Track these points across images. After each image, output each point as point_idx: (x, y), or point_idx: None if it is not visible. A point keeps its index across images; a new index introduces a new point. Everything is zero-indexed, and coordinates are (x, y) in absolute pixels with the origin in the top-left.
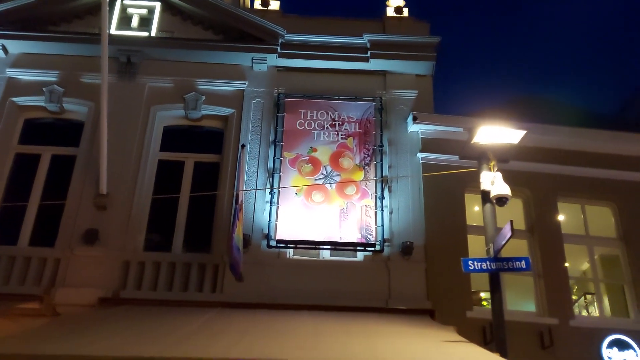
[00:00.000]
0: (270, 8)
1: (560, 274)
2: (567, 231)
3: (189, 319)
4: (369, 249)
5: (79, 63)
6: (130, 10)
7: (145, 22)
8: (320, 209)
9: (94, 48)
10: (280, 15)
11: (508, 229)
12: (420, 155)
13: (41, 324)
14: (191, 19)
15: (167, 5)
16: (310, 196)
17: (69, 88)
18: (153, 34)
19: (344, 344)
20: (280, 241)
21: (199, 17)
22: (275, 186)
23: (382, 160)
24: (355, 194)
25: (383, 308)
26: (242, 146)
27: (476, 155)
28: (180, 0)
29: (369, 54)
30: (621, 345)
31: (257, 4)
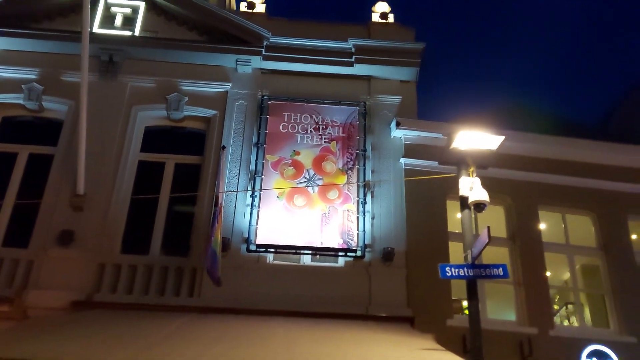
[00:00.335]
0: (255, 10)
1: (540, 283)
2: (548, 240)
3: (163, 324)
4: (350, 254)
5: (60, 61)
6: (114, 9)
7: (129, 22)
8: (302, 213)
9: (75, 46)
10: (265, 17)
11: (485, 236)
12: (403, 160)
13: (8, 327)
14: (176, 20)
15: (152, 5)
16: (292, 200)
17: (48, 86)
18: (136, 33)
19: (318, 353)
20: (260, 245)
21: (183, 18)
22: (257, 189)
23: (365, 165)
24: (337, 198)
25: (363, 315)
26: (223, 147)
27: (455, 161)
28: (165, 1)
29: (353, 59)
30: (600, 356)
31: (243, 6)
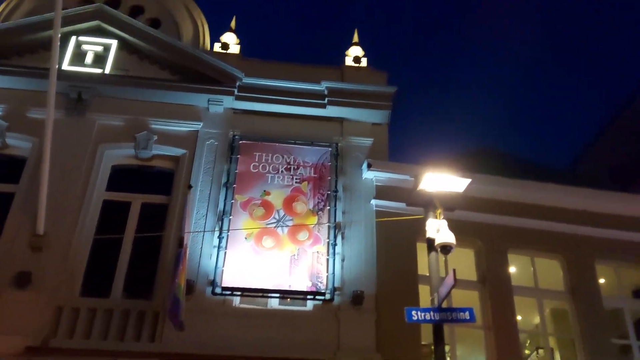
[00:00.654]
0: (229, 51)
1: (510, 327)
2: (518, 283)
3: None
4: (318, 297)
5: (27, 98)
6: (85, 47)
7: (100, 60)
8: (271, 255)
9: (43, 83)
10: (239, 58)
11: (451, 279)
12: (374, 202)
13: None
14: (148, 59)
15: (124, 44)
16: (261, 241)
17: (13, 122)
18: (107, 71)
19: None
20: (226, 288)
21: (156, 57)
22: (224, 229)
23: (336, 206)
24: (307, 239)
25: None
26: (189, 187)
27: (423, 203)
28: (138, 40)
29: (326, 101)
30: None
31: (217, 47)
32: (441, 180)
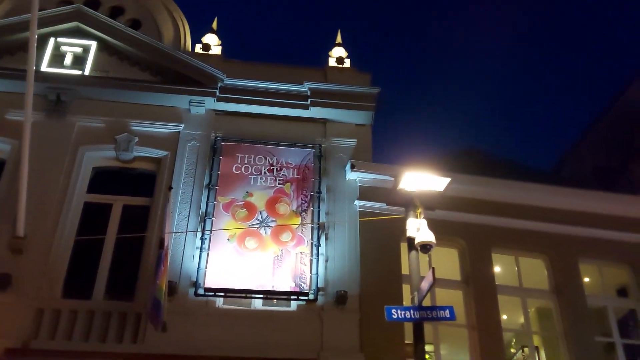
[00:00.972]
0: (211, 52)
1: (494, 326)
2: (502, 283)
3: None
4: (302, 298)
5: (5, 100)
6: (64, 48)
7: (79, 61)
8: (253, 255)
9: (22, 85)
10: (221, 59)
11: (430, 277)
12: (357, 203)
13: None
14: (128, 60)
15: (104, 45)
16: (244, 242)
17: None
18: (87, 72)
19: None
20: (208, 289)
21: (136, 58)
22: (207, 232)
23: (320, 207)
24: (290, 240)
25: None
26: (170, 188)
27: (403, 202)
28: (118, 41)
29: (309, 102)
30: None
31: (199, 48)
32: (421, 180)
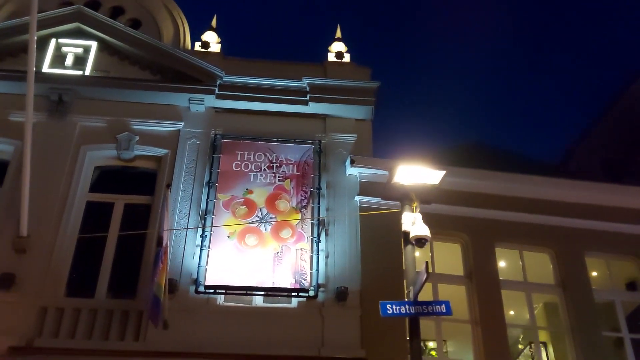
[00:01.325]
0: (210, 50)
1: (497, 321)
2: (507, 277)
3: None
4: (302, 294)
5: (8, 101)
6: (65, 49)
7: (80, 61)
8: (254, 252)
9: (24, 86)
10: (221, 57)
11: (423, 272)
12: (358, 198)
13: None
14: (128, 59)
15: (104, 45)
16: (244, 239)
17: None
18: (87, 72)
19: None
20: (209, 286)
21: (136, 57)
22: (207, 230)
23: (320, 203)
24: (290, 237)
25: (314, 357)
26: (168, 186)
27: (399, 197)
28: (118, 41)
29: (308, 97)
30: None
31: (198, 46)
32: (415, 173)
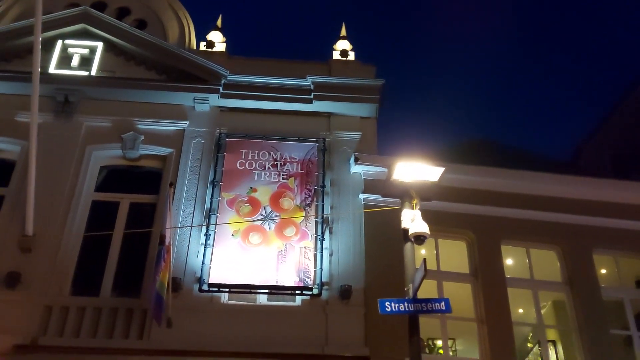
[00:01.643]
0: (215, 49)
1: (503, 319)
2: (513, 275)
3: None
4: (306, 292)
5: (14, 102)
6: (71, 50)
7: (86, 62)
8: (258, 251)
9: (30, 87)
10: (226, 56)
11: (422, 269)
12: (362, 196)
13: None
14: (134, 59)
15: (110, 46)
16: (248, 238)
17: (2, 127)
18: (93, 73)
19: None
20: (213, 285)
21: (142, 58)
22: (211, 228)
23: (324, 201)
24: (294, 235)
25: (319, 355)
26: (171, 184)
27: (399, 194)
28: (124, 41)
29: (312, 96)
30: None
31: (203, 45)
32: (415, 170)
